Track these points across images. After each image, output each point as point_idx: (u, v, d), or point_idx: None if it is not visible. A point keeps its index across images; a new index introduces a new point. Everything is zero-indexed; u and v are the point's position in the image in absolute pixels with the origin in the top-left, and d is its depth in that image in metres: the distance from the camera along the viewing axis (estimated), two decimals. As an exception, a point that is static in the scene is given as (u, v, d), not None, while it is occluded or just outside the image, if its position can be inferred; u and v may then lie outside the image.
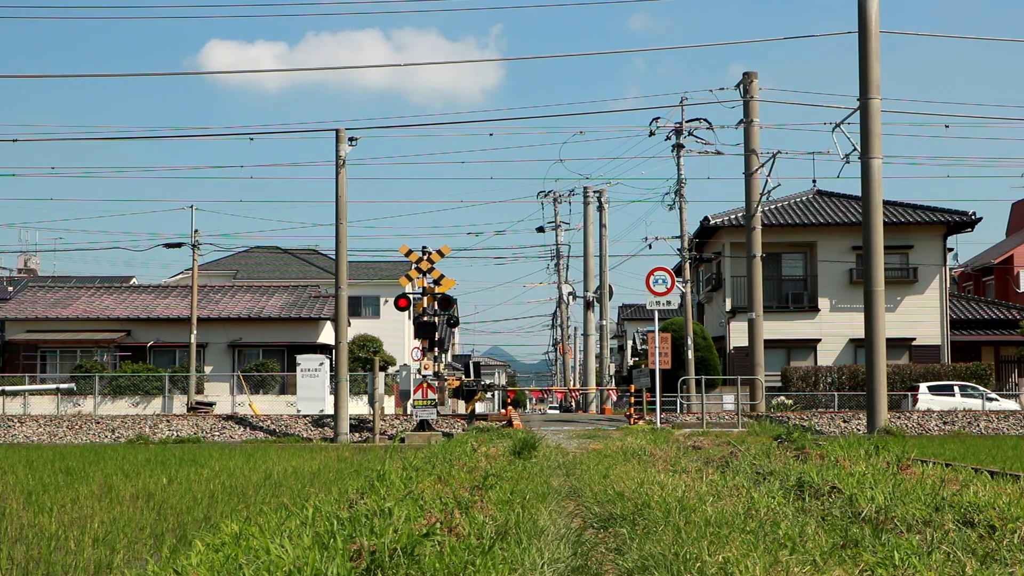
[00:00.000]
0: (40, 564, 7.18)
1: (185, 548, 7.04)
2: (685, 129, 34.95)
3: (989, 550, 6.62)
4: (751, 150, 30.73)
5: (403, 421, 28.72)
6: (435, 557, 5.94)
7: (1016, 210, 58.73)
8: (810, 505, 8.77)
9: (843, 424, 26.64)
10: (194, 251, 39.15)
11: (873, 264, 24.15)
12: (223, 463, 15.74)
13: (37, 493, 11.42)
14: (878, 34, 24.32)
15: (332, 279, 30.63)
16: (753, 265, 30.87)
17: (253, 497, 10.91)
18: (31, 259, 65.10)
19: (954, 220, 40.14)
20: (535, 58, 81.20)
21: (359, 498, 9.04)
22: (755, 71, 30.73)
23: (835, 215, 40.73)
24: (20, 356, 40.50)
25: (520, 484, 10.14)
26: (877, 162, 24.22)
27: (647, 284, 26.22)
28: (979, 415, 27.89)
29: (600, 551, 7.41)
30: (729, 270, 40.19)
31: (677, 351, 33.91)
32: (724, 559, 6.07)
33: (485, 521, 7.41)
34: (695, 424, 25.45)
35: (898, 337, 36.89)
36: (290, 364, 37.54)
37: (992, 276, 54.16)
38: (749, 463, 12.34)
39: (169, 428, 27.50)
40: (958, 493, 8.75)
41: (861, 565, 6.19)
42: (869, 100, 24.18)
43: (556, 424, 27.83)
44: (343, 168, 27.61)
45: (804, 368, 37.43)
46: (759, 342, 30.54)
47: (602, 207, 43.65)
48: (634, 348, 45.45)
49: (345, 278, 27.82)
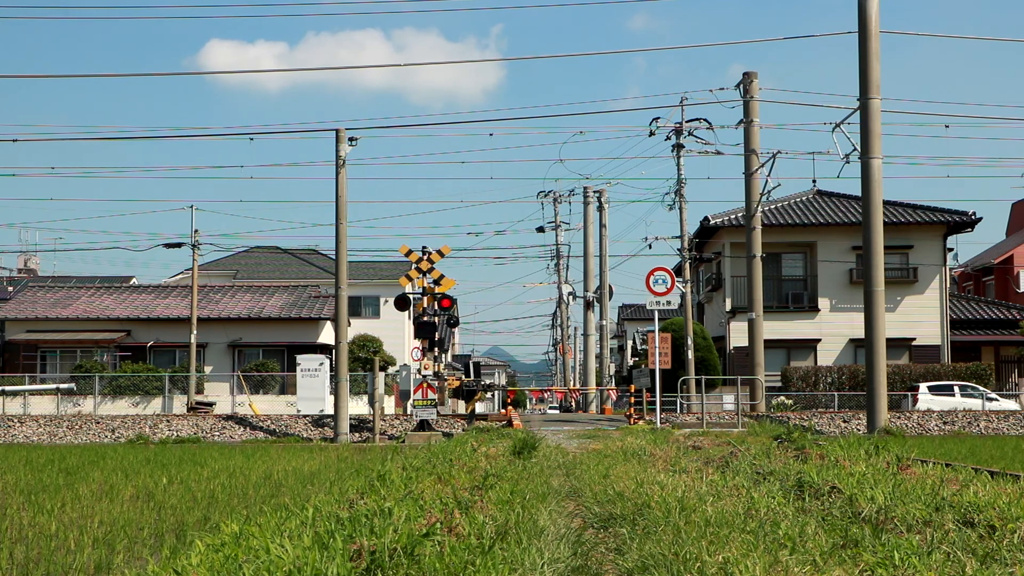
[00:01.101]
0: (40, 564, 7.18)
1: (185, 548, 7.04)
2: (685, 129, 34.95)
3: (989, 550, 6.62)
4: (751, 150, 30.73)
5: (403, 421, 28.71)
6: (435, 557, 5.94)
7: (1016, 210, 58.73)
8: (810, 505, 8.77)
9: (843, 424, 26.64)
10: (194, 251, 39.15)
11: (873, 264, 24.15)
12: (223, 463, 15.75)
13: (37, 493, 11.42)
14: (878, 34, 24.32)
15: (332, 279, 30.63)
16: (753, 265, 30.87)
17: (253, 497, 10.91)
18: (31, 259, 65.09)
19: (954, 220, 40.14)
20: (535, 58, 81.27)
21: (359, 498, 9.04)
22: (755, 71, 30.74)
23: (835, 215, 40.73)
24: (20, 356, 40.50)
25: (520, 484, 10.14)
26: (877, 162, 24.23)
27: (647, 284, 26.22)
28: (979, 415, 27.89)
29: (600, 551, 7.41)
30: (729, 270, 40.18)
31: (677, 351, 33.90)
32: (724, 559, 6.07)
33: (485, 521, 7.41)
34: (695, 424, 25.45)
35: (898, 337, 36.88)
36: (290, 364, 37.53)
37: (992, 276, 54.16)
38: (749, 463, 12.34)
39: (169, 428, 27.50)
40: (958, 493, 8.75)
41: (861, 565, 6.19)
42: (869, 100, 24.18)
43: (556, 424, 27.83)
44: (343, 168, 27.61)
45: (804, 368, 37.43)
46: (759, 342, 30.54)
47: (602, 207, 43.64)
48: (634, 348, 45.46)
49: (345, 278, 27.82)
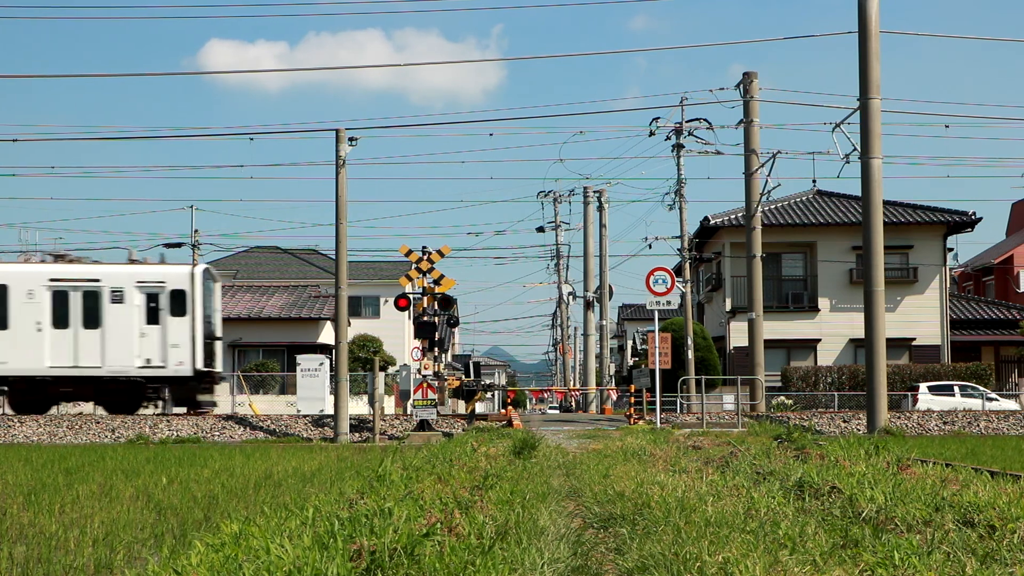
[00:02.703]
0: (40, 564, 7.18)
1: (185, 548, 7.04)
2: (685, 129, 34.96)
3: (989, 550, 6.62)
4: (751, 150, 30.72)
5: (403, 421, 28.71)
6: (435, 557, 5.94)
7: (1016, 210, 58.73)
8: (810, 505, 8.77)
9: (843, 424, 26.64)
10: (194, 251, 39.19)
11: (873, 264, 24.15)
12: (223, 463, 15.74)
13: (37, 493, 11.42)
14: (878, 34, 24.31)
15: (332, 279, 30.62)
16: (753, 265, 30.87)
17: (253, 497, 10.91)
18: (31, 259, 65.00)
19: (954, 220, 40.15)
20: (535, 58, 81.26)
21: (359, 498, 9.04)
22: (755, 71, 30.73)
23: (835, 215, 40.74)
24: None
25: (520, 484, 10.14)
26: (877, 162, 24.22)
27: (647, 284, 26.21)
28: (979, 415, 27.88)
29: (600, 551, 7.41)
30: (729, 270, 40.19)
31: (677, 351, 33.91)
32: (724, 559, 6.07)
33: (485, 521, 7.41)
34: (695, 424, 25.45)
35: (898, 337, 36.89)
36: (290, 364, 37.53)
37: (992, 276, 54.17)
38: (749, 463, 12.34)
39: (169, 428, 27.50)
40: (958, 493, 8.75)
41: (861, 565, 6.20)
42: (869, 100, 24.18)
43: (556, 424, 27.83)
44: (343, 168, 27.61)
45: (804, 368, 37.44)
46: (759, 342, 30.55)
47: (602, 207, 43.64)
48: (634, 348, 45.48)
49: (345, 278, 27.82)
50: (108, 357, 28.03)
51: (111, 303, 28.23)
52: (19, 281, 28.61)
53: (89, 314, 28.21)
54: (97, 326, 28.15)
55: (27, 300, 28.32)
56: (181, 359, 28.10)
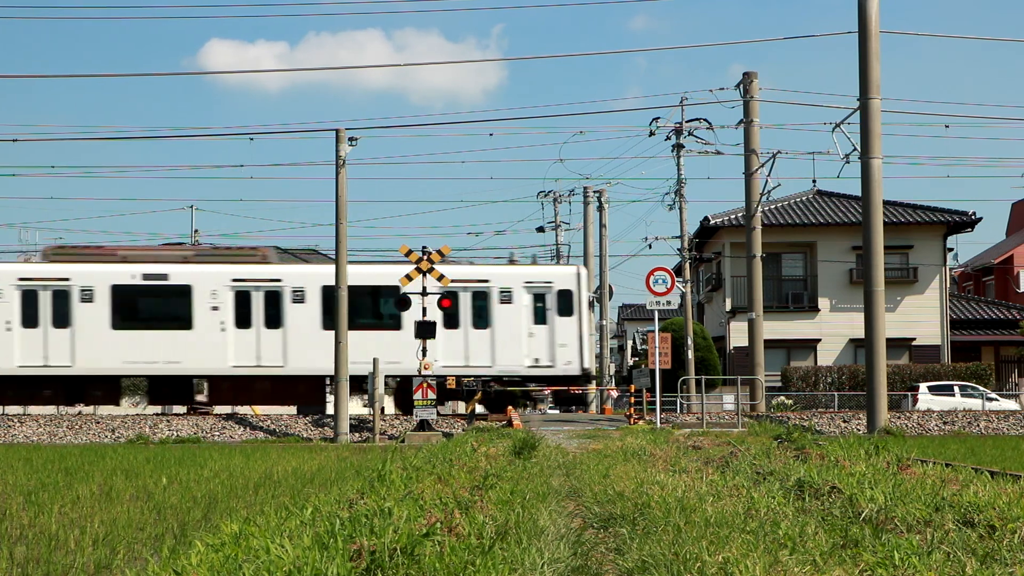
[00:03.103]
0: (40, 564, 7.18)
1: (185, 548, 7.04)
2: (685, 129, 34.94)
3: (989, 550, 6.62)
4: (751, 150, 30.72)
5: (403, 421, 28.70)
6: (435, 557, 5.95)
7: (1016, 210, 58.73)
8: (810, 505, 8.77)
9: (843, 424, 26.63)
10: (194, 251, 39.15)
11: (873, 264, 24.14)
12: (223, 463, 15.74)
13: (37, 493, 11.42)
14: (878, 34, 24.31)
15: (332, 279, 30.53)
16: (753, 265, 30.87)
17: (253, 497, 10.91)
18: (31, 259, 65.03)
19: (954, 220, 40.15)
20: (535, 58, 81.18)
21: (359, 498, 9.04)
22: (755, 71, 30.72)
23: (835, 215, 40.74)
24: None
25: (520, 484, 10.14)
26: (877, 162, 24.22)
27: (647, 284, 26.20)
28: (979, 415, 27.87)
29: (600, 551, 7.41)
30: (729, 270, 40.19)
31: (677, 351, 33.89)
32: (724, 559, 6.07)
33: (485, 521, 7.41)
34: (695, 424, 25.44)
35: (898, 337, 36.87)
36: (290, 364, 37.40)
37: (992, 276, 54.17)
38: (749, 463, 12.34)
39: (169, 428, 27.50)
40: (958, 493, 8.75)
41: (861, 565, 6.20)
42: (869, 100, 24.17)
43: (556, 424, 27.81)
44: (343, 168, 27.61)
45: (804, 368, 37.43)
46: (759, 342, 30.55)
47: (602, 207, 43.60)
48: (634, 348, 45.49)
49: (345, 278, 27.80)
50: (497, 357, 28.86)
51: (499, 303, 28.91)
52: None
53: (479, 313, 28.94)
54: (486, 326, 28.89)
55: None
56: (569, 359, 28.86)
